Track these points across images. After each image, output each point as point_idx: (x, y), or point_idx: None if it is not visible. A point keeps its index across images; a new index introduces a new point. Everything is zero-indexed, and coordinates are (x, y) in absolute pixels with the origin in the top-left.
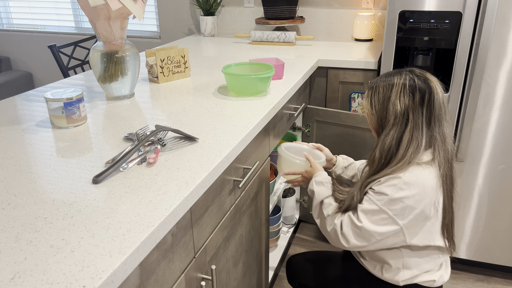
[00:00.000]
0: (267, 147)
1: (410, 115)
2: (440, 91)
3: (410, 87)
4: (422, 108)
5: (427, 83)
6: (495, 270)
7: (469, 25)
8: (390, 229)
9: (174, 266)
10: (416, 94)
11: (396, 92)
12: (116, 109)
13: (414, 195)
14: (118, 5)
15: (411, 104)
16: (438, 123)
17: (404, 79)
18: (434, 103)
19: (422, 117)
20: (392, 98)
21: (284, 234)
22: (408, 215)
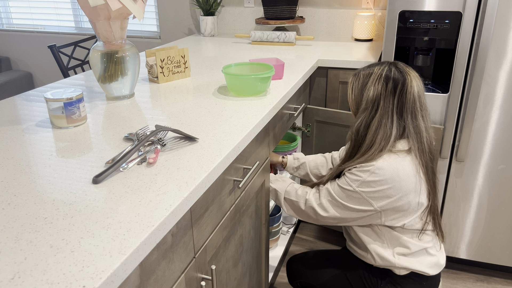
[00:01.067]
0: (267, 147)
1: (380, 102)
2: (416, 85)
3: (386, 76)
4: (393, 97)
5: (403, 74)
6: (495, 270)
7: (469, 25)
8: (365, 208)
9: (174, 266)
10: (389, 83)
11: (372, 79)
12: (116, 109)
13: (387, 180)
14: (118, 5)
15: (383, 92)
16: (411, 115)
17: (382, 69)
18: (406, 94)
19: (393, 106)
20: (368, 85)
21: (284, 234)
22: (383, 199)
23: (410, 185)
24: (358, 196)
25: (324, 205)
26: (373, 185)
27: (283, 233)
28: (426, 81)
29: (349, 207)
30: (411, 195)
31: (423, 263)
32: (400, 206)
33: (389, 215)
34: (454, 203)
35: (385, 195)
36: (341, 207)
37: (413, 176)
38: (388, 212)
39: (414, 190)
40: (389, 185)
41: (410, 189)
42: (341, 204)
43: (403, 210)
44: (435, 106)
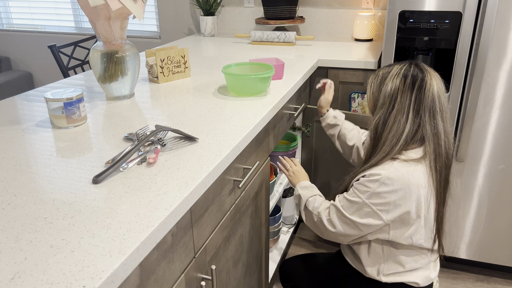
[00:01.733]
0: (267, 147)
1: (398, 97)
2: (436, 84)
3: (405, 72)
4: (411, 93)
5: (423, 72)
6: (495, 270)
7: (469, 25)
8: (374, 223)
9: (174, 266)
10: (408, 78)
11: (391, 75)
12: (116, 109)
13: (397, 191)
14: (118, 5)
15: (400, 87)
16: (429, 114)
17: (401, 67)
18: (425, 92)
19: (410, 101)
20: (386, 80)
21: (284, 234)
22: (393, 211)
23: (420, 196)
24: (368, 209)
25: (333, 220)
26: (383, 195)
27: (283, 233)
28: None
29: (357, 223)
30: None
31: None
32: (409, 218)
33: (397, 228)
34: (454, 203)
35: (395, 206)
36: (350, 224)
37: (423, 187)
38: (396, 225)
39: (424, 201)
40: (399, 196)
41: (420, 200)
42: (349, 221)
43: (411, 224)
44: None
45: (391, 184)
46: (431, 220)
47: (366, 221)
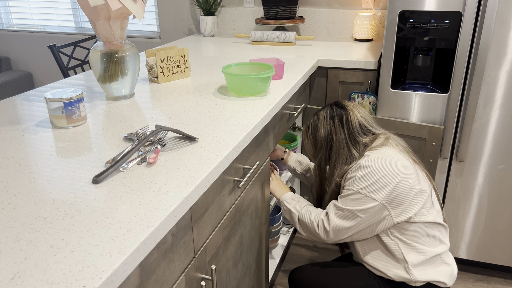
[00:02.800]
0: (267, 147)
1: (333, 137)
2: (358, 112)
3: (330, 115)
4: (343, 129)
5: (343, 108)
6: (495, 270)
7: (469, 25)
8: (370, 205)
9: (174, 266)
10: (335, 119)
11: (320, 122)
12: (116, 109)
13: (379, 169)
14: (118, 5)
15: (332, 128)
16: (364, 134)
17: (325, 111)
18: (352, 122)
19: (345, 135)
20: (318, 127)
21: (284, 234)
22: (383, 189)
23: (402, 169)
24: (359, 195)
25: (333, 220)
26: (367, 177)
27: (283, 233)
28: (426, 81)
29: (355, 211)
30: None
31: (440, 273)
32: (401, 193)
33: (396, 208)
34: (454, 203)
35: (383, 184)
36: (349, 216)
37: (401, 160)
38: (393, 204)
39: (410, 174)
40: (382, 173)
41: (404, 172)
42: (347, 211)
43: (406, 198)
44: (435, 106)
45: (370, 165)
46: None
47: (362, 207)
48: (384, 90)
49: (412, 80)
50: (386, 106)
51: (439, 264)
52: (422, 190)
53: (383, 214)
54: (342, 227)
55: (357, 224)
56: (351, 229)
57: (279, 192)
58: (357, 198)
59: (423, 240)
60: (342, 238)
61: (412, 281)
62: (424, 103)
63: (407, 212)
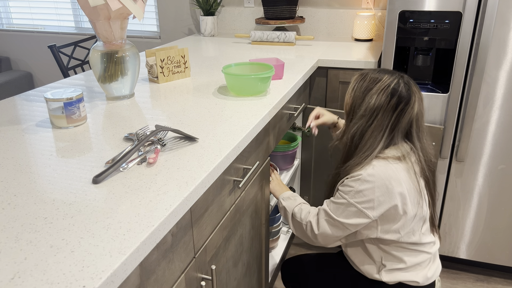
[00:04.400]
0: (267, 147)
1: (379, 114)
2: (418, 107)
3: (393, 89)
4: (392, 113)
5: (409, 94)
6: (495, 270)
7: (469, 25)
8: (362, 221)
9: (174, 266)
10: (394, 98)
11: (378, 87)
12: (116, 109)
13: (379, 187)
14: (118, 5)
15: (384, 105)
16: (403, 135)
17: (391, 80)
18: (405, 115)
19: (388, 122)
20: (372, 92)
21: (284, 234)
22: (378, 207)
23: (403, 191)
24: (354, 209)
25: (322, 226)
26: (365, 193)
27: (283, 233)
28: (426, 81)
29: (345, 224)
30: (407, 203)
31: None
32: (394, 214)
33: (385, 224)
34: (454, 203)
35: (379, 203)
36: (339, 226)
37: (404, 182)
38: (383, 221)
39: (409, 198)
40: (381, 192)
41: (403, 195)
42: (338, 223)
43: (398, 220)
44: (435, 106)
45: (372, 181)
46: (422, 216)
47: (354, 221)
48: None
49: None
50: None
51: (416, 269)
52: (417, 215)
53: (370, 225)
54: (331, 235)
55: (344, 234)
56: (338, 237)
57: (277, 191)
58: (350, 211)
59: (403, 251)
60: (328, 243)
61: (382, 282)
62: (424, 103)
63: (394, 234)
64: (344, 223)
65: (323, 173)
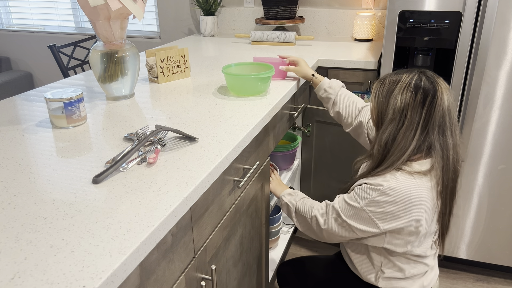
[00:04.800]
0: (267, 147)
1: (408, 113)
2: (447, 98)
3: (416, 85)
4: (421, 109)
5: (434, 85)
6: (495, 270)
7: (469, 25)
8: (370, 230)
9: (174, 266)
10: (419, 92)
11: (400, 87)
12: (116, 109)
13: (397, 203)
14: (118, 5)
15: (411, 102)
16: (438, 131)
17: (411, 78)
18: (435, 107)
19: (419, 119)
20: (395, 93)
21: (284, 234)
22: (391, 221)
23: (421, 211)
24: (365, 215)
25: (330, 223)
26: (383, 205)
27: (283, 233)
28: None
29: (353, 227)
30: (421, 221)
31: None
32: (406, 230)
33: (393, 239)
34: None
35: (393, 217)
36: (346, 227)
37: (424, 201)
38: (393, 235)
39: (425, 217)
40: (399, 207)
41: (420, 214)
42: (346, 224)
43: (408, 235)
44: None
45: (392, 195)
46: (431, 232)
47: (362, 227)
48: None
49: None
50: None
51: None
52: (427, 232)
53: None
54: (337, 234)
55: (350, 236)
56: (344, 237)
57: (278, 190)
58: (361, 216)
59: (406, 262)
60: (332, 241)
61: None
62: None
63: (401, 248)
64: (351, 226)
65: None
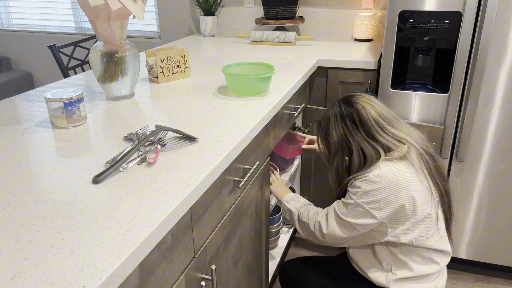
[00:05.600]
0: (267, 147)
1: (349, 139)
2: (371, 106)
3: (341, 116)
4: (358, 129)
5: (354, 106)
6: (495, 270)
7: (469, 25)
8: (369, 222)
9: (174, 266)
10: (346, 120)
11: (331, 125)
12: (116, 109)
13: (385, 188)
14: (118, 5)
15: (346, 131)
16: (383, 130)
17: (334, 111)
18: (366, 120)
19: (363, 136)
20: (330, 131)
21: (284, 234)
22: (385, 208)
23: (411, 192)
24: (361, 209)
25: (331, 225)
26: (373, 193)
27: (283, 233)
28: (426, 81)
29: (353, 224)
30: (416, 203)
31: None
32: (403, 215)
33: (395, 227)
34: (454, 203)
35: (386, 204)
36: (347, 226)
37: (412, 183)
38: (393, 223)
39: (418, 198)
40: (388, 192)
41: (412, 196)
42: (346, 223)
43: (407, 220)
44: (435, 106)
45: (378, 181)
46: (433, 217)
47: (361, 221)
48: (384, 90)
49: (412, 80)
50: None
51: (425, 281)
52: (428, 215)
53: (380, 229)
54: (339, 236)
55: (353, 236)
56: (346, 238)
57: (279, 193)
58: (358, 211)
59: (415, 258)
60: (337, 243)
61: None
62: (424, 103)
63: (405, 236)
64: (351, 223)
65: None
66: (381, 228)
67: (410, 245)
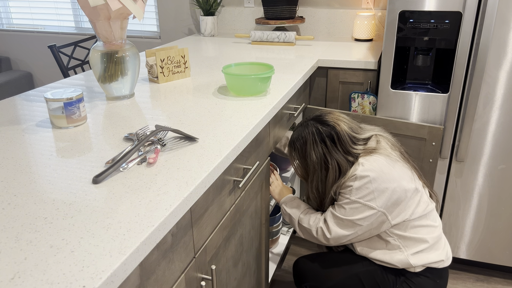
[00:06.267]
0: (267, 147)
1: (327, 158)
2: (343, 122)
3: (320, 137)
4: (337, 148)
5: (329, 124)
6: (495, 270)
7: (469, 25)
8: (369, 213)
9: (174, 266)
10: (326, 140)
11: (309, 145)
12: (116, 109)
13: (375, 179)
14: (118, 5)
15: (325, 150)
16: (354, 144)
17: (312, 133)
18: (342, 136)
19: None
20: (308, 151)
21: (284, 234)
22: (380, 197)
23: (397, 173)
24: (357, 204)
25: (333, 229)
26: (365, 187)
27: (283, 233)
28: (426, 81)
29: (354, 220)
30: (403, 181)
31: (438, 255)
32: (398, 197)
33: (393, 211)
34: (454, 203)
35: (380, 192)
36: (349, 224)
37: (395, 164)
38: (390, 208)
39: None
40: (379, 182)
41: (399, 176)
42: (348, 221)
43: (402, 200)
44: (435, 106)
45: (367, 175)
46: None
47: (361, 215)
48: (384, 90)
49: (412, 80)
50: (386, 106)
51: (438, 247)
52: (416, 189)
53: (381, 219)
54: (343, 235)
55: (357, 231)
56: (351, 235)
57: (279, 194)
58: (355, 207)
59: (419, 230)
60: (342, 242)
61: (412, 266)
62: (424, 103)
63: (404, 214)
64: (353, 220)
65: None
66: (381, 218)
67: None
